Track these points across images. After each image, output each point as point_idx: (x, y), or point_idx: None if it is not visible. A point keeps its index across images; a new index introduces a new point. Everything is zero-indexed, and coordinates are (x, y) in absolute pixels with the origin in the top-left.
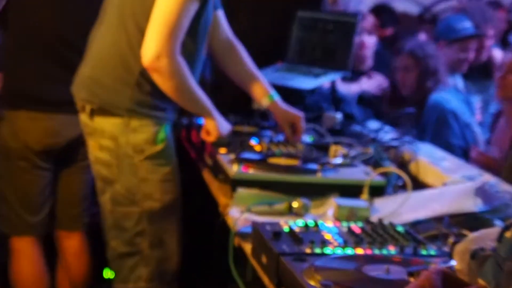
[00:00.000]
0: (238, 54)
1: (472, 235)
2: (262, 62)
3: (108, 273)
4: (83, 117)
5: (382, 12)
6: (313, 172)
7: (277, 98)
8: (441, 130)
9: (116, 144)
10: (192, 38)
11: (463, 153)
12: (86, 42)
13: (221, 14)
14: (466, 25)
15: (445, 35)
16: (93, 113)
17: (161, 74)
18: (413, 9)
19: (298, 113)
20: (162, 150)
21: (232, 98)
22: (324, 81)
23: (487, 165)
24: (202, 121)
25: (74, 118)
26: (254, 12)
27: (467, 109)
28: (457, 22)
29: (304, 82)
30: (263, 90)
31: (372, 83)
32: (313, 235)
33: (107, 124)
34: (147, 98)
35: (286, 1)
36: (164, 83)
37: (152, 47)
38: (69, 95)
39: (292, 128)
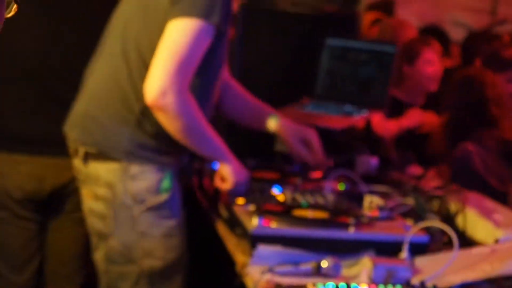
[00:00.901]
0: (235, 89)
1: None
2: (285, 98)
3: None
4: (76, 163)
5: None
6: (345, 227)
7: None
8: None
9: (113, 193)
10: (204, 74)
11: None
12: (78, 74)
13: None
14: None
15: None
16: (87, 157)
17: (166, 114)
18: (459, 35)
19: (308, 127)
20: (166, 200)
21: (250, 140)
22: (357, 119)
23: None
24: (217, 166)
25: (62, 162)
26: (276, 40)
27: None
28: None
29: (334, 121)
30: (265, 113)
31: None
32: None
33: (103, 169)
34: (149, 139)
35: (313, 27)
36: (169, 124)
37: (156, 82)
38: (57, 133)
39: (308, 147)
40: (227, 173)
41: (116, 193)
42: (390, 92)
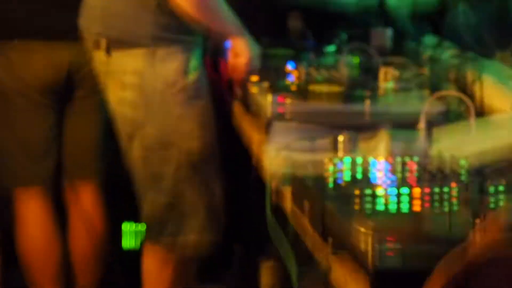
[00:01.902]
0: None
1: None
2: None
3: (127, 227)
4: (98, 55)
5: None
6: (360, 99)
7: None
8: None
9: (142, 79)
10: None
11: None
12: None
13: None
14: None
15: None
16: (110, 48)
17: None
18: None
19: None
20: (196, 80)
21: (264, 17)
22: None
23: None
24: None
25: (76, 45)
26: None
27: None
28: None
29: None
30: None
31: None
32: (362, 185)
33: (129, 58)
34: (172, 20)
35: None
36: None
37: None
38: (70, 20)
39: None
40: (241, 46)
41: (146, 79)
42: None
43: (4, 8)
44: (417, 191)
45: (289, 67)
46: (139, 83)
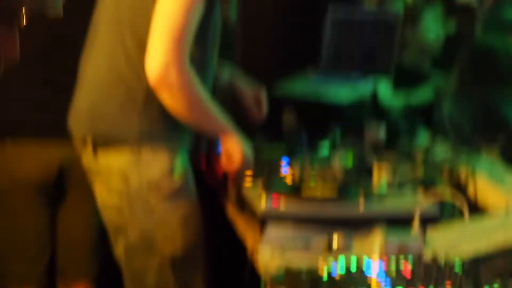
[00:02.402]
0: None
1: None
2: (290, 70)
3: None
4: (86, 157)
5: None
6: (355, 201)
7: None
8: None
9: (127, 182)
10: (201, 44)
11: None
12: (77, 60)
13: None
14: None
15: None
16: (96, 148)
17: (171, 90)
18: None
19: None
20: (182, 184)
21: None
22: (364, 91)
23: None
24: (221, 146)
25: (67, 145)
26: (275, 10)
27: None
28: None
29: (341, 93)
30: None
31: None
32: (355, 279)
33: (114, 160)
34: (157, 122)
35: None
36: (174, 101)
37: (157, 57)
38: (61, 117)
39: (258, 104)
40: (233, 149)
41: (130, 183)
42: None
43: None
44: None
45: (283, 163)
46: (123, 187)
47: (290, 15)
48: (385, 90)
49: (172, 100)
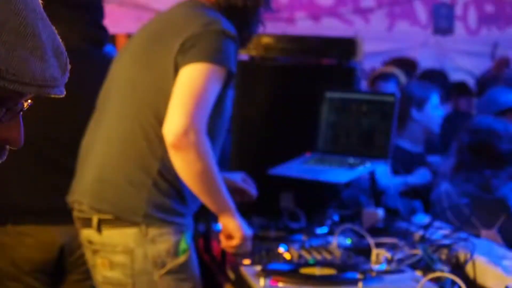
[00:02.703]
0: None
1: None
2: (288, 153)
3: None
4: (88, 233)
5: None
6: (353, 282)
7: None
8: None
9: (131, 259)
10: (218, 116)
11: None
12: (79, 143)
13: None
14: (510, 97)
15: (487, 108)
16: (101, 225)
17: (188, 153)
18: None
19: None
20: (185, 262)
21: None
22: (361, 172)
23: None
24: (221, 225)
25: (68, 229)
26: (275, 95)
27: None
28: (499, 94)
29: (338, 175)
30: None
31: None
32: None
33: (120, 236)
34: (165, 201)
35: (312, 81)
36: (189, 165)
37: (178, 120)
38: (61, 202)
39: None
40: (233, 228)
41: (135, 259)
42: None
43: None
44: None
45: (281, 249)
46: (128, 262)
47: (288, 99)
48: (382, 171)
49: (186, 164)
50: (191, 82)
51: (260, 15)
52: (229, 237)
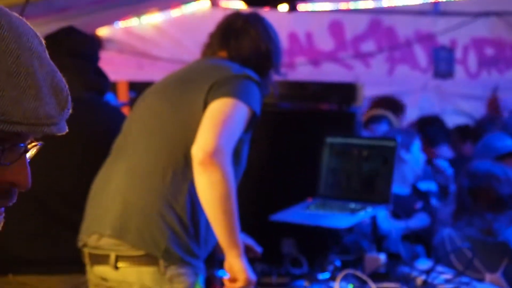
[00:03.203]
0: None
1: None
2: (289, 198)
3: None
4: (103, 270)
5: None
6: None
7: None
8: None
9: None
10: (240, 157)
11: None
12: (83, 196)
13: None
14: (507, 142)
15: (485, 153)
16: (118, 262)
17: (217, 172)
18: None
19: None
20: None
21: (258, 241)
22: (362, 217)
23: None
24: (226, 265)
25: (69, 278)
26: (276, 141)
27: None
28: (496, 140)
29: (340, 220)
30: None
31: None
32: None
33: (137, 274)
34: (185, 239)
35: (313, 126)
36: (213, 186)
37: (208, 139)
38: (63, 254)
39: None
40: (239, 269)
41: None
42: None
43: (4, 243)
44: None
45: None
46: None
47: (289, 144)
48: (383, 215)
49: (210, 182)
50: (221, 111)
51: (269, 78)
52: (233, 280)
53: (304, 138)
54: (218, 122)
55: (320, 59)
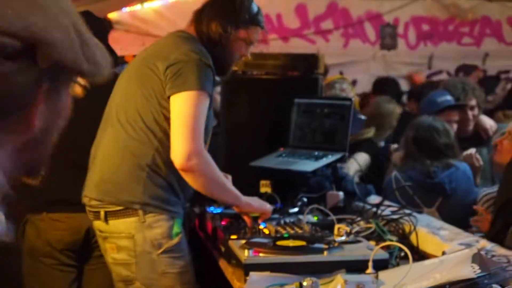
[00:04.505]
0: None
1: None
2: (265, 148)
3: None
4: (98, 224)
5: None
6: (320, 251)
7: None
8: None
9: (133, 242)
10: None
11: None
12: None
13: None
14: (447, 97)
15: (428, 108)
16: (107, 217)
17: (194, 173)
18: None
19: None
20: (178, 243)
21: (241, 184)
22: (324, 162)
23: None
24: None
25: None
26: (254, 102)
27: None
28: (438, 96)
29: (306, 165)
30: None
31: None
32: None
33: (123, 224)
34: (159, 191)
35: (284, 90)
36: (197, 181)
37: (180, 150)
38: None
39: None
40: (254, 208)
41: (137, 242)
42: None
43: (38, 187)
44: None
45: (261, 226)
46: (131, 245)
47: (263, 106)
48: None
49: (194, 181)
50: (183, 111)
51: (235, 48)
52: (260, 215)
53: (276, 100)
54: (184, 126)
55: (288, 35)
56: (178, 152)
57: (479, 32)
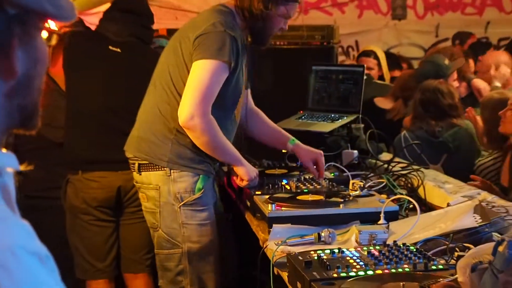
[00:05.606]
0: (261, 118)
1: (471, 251)
2: (286, 112)
3: None
4: (135, 175)
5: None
6: (336, 204)
7: (297, 141)
8: None
9: (159, 193)
10: (222, 101)
11: None
12: (129, 111)
13: (247, 92)
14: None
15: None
16: (140, 168)
17: (194, 132)
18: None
19: (317, 151)
20: (199, 198)
21: (265, 146)
22: (340, 124)
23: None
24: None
25: (123, 174)
26: (275, 70)
27: None
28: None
29: (323, 126)
30: (285, 138)
31: None
32: (338, 260)
33: (152, 176)
34: (185, 151)
35: (303, 58)
36: (197, 139)
37: (186, 109)
38: (116, 156)
39: (314, 164)
40: (241, 173)
41: (162, 193)
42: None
43: (71, 149)
44: (379, 272)
45: (284, 182)
46: (156, 196)
47: (286, 73)
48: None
49: (195, 138)
50: (197, 76)
51: (275, 23)
52: (241, 179)
53: (296, 67)
54: (195, 88)
55: (307, 8)
56: (183, 111)
57: (481, 2)
